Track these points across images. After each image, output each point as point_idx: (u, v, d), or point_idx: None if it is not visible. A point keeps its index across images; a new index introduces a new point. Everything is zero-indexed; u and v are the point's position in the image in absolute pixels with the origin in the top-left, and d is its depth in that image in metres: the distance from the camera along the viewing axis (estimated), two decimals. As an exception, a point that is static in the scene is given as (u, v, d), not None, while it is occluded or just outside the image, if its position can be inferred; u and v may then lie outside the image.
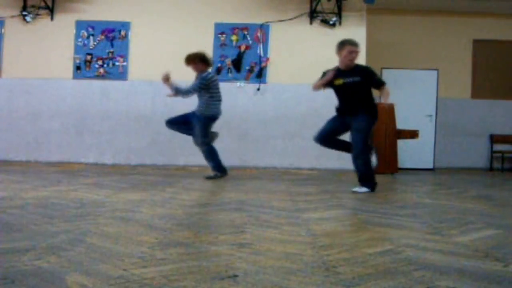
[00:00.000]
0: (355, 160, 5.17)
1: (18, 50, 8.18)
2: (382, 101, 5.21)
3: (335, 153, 8.20)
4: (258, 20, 8.16)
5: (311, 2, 8.13)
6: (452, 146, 9.54)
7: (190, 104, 6.14)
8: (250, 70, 8.18)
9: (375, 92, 5.26)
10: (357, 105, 5.14)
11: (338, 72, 5.19)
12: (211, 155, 6.22)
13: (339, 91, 5.29)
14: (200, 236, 2.81)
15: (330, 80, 5.18)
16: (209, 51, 8.18)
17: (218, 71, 8.16)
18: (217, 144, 8.22)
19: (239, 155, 8.13)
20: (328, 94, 7.93)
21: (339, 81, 5.18)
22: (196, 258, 2.30)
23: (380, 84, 5.19)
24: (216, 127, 8.26)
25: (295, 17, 8.15)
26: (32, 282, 1.88)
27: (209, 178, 6.19)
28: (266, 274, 2.08)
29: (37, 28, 8.19)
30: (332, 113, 5.41)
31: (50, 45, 8.17)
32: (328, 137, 5.34)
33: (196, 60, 6.01)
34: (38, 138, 8.16)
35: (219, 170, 6.23)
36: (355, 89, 5.14)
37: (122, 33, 8.20)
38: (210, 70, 6.28)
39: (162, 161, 8.08)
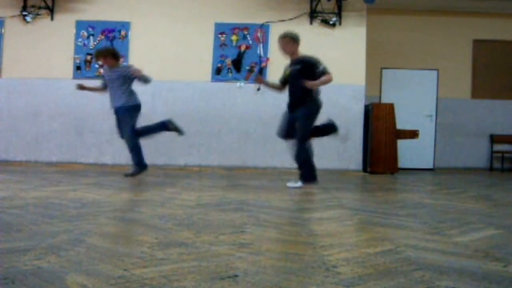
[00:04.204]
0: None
1: (18, 50, 8.17)
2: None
3: (335, 154, 8.24)
4: (258, 20, 8.15)
5: (311, 2, 8.13)
6: (452, 146, 9.54)
7: (188, 103, 6.12)
8: (250, 70, 8.18)
9: None
10: (298, 97, 5.29)
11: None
12: (138, 149, 6.10)
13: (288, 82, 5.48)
14: (200, 236, 2.81)
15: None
16: (209, 51, 8.22)
17: (218, 71, 8.16)
18: (217, 144, 8.25)
19: (239, 155, 8.13)
20: (328, 94, 7.93)
21: (287, 72, 5.43)
22: (196, 258, 2.30)
23: (324, 73, 5.16)
24: (216, 127, 8.30)
25: (295, 17, 8.15)
26: (32, 282, 1.88)
27: (127, 175, 6.07)
28: (266, 274, 2.08)
29: (37, 28, 8.19)
30: (333, 114, 5.41)
31: (50, 45, 8.17)
32: (287, 132, 5.48)
33: (110, 55, 6.15)
34: (38, 138, 8.16)
35: (141, 166, 6.09)
36: (296, 79, 5.24)
37: (122, 33, 8.20)
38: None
39: (162, 161, 8.08)
